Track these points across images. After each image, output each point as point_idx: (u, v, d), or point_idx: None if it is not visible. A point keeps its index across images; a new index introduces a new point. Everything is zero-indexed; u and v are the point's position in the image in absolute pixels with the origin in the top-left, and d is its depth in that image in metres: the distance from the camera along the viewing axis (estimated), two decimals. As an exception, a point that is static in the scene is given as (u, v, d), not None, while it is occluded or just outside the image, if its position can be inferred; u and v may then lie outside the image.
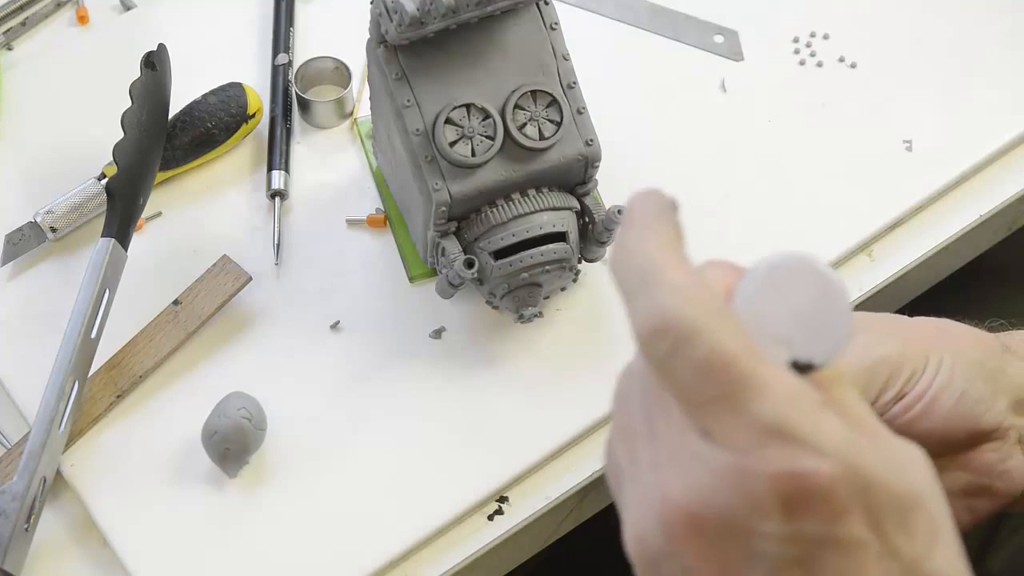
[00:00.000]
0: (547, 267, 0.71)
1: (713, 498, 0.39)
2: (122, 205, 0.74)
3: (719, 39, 0.90)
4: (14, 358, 0.76)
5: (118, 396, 0.74)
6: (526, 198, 0.71)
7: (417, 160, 0.70)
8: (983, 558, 0.78)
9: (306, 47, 0.88)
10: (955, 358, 0.59)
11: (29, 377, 0.73)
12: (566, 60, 0.71)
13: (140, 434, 0.73)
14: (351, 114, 0.86)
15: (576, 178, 0.73)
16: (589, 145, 0.71)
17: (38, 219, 0.79)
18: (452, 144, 0.69)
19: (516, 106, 0.70)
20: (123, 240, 0.74)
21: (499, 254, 0.71)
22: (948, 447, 0.60)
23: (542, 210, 0.71)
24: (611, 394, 0.45)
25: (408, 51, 0.69)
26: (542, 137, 0.70)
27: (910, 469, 0.41)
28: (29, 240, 0.79)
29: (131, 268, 0.75)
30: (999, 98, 0.86)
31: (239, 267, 0.77)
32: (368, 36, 0.72)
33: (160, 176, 0.80)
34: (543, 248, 0.71)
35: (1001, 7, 0.90)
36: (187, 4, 0.91)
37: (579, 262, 0.75)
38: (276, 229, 0.80)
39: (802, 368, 0.42)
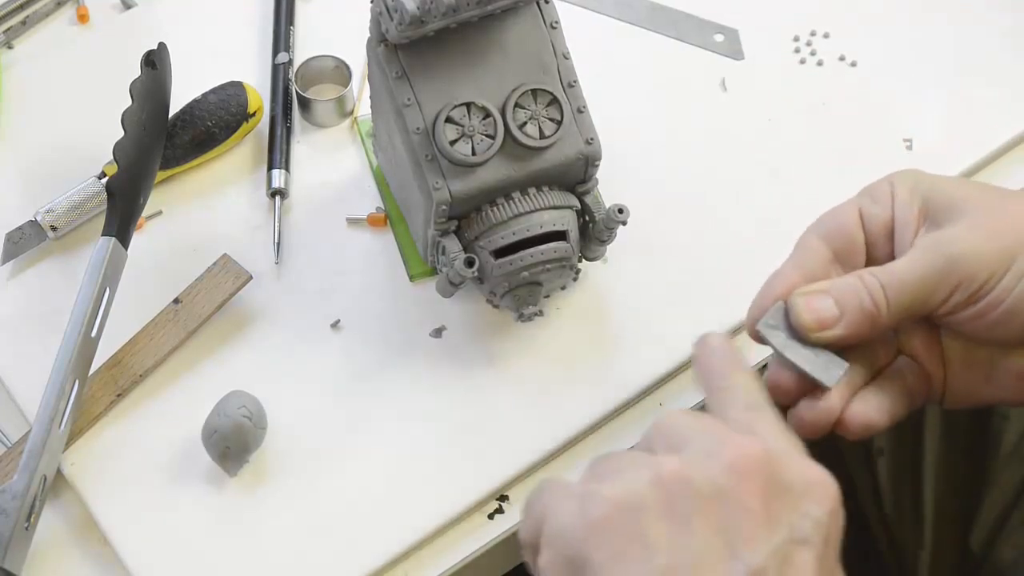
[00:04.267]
0: (547, 266, 0.71)
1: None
2: (122, 204, 0.74)
3: (719, 38, 0.90)
4: (14, 357, 0.76)
5: (118, 395, 0.74)
6: (526, 197, 0.71)
7: (417, 159, 0.69)
8: (992, 548, 0.78)
9: (306, 46, 0.88)
10: None
11: (29, 376, 0.73)
12: (566, 59, 0.71)
13: (140, 433, 0.73)
14: (351, 113, 0.86)
15: (576, 177, 0.72)
16: (589, 144, 0.71)
17: (38, 218, 0.79)
18: (452, 143, 0.69)
19: (516, 105, 0.70)
20: (123, 239, 0.74)
21: (499, 253, 0.71)
22: None
23: (542, 209, 0.71)
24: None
25: (408, 50, 0.69)
26: (542, 136, 0.70)
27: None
28: (29, 239, 0.79)
29: (131, 267, 0.75)
30: (999, 97, 0.86)
31: (239, 266, 0.77)
32: (368, 35, 0.72)
33: (160, 175, 0.80)
34: (543, 247, 0.71)
35: (1001, 7, 0.90)
36: (187, 3, 0.91)
37: (579, 261, 0.75)
38: (276, 228, 0.80)
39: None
